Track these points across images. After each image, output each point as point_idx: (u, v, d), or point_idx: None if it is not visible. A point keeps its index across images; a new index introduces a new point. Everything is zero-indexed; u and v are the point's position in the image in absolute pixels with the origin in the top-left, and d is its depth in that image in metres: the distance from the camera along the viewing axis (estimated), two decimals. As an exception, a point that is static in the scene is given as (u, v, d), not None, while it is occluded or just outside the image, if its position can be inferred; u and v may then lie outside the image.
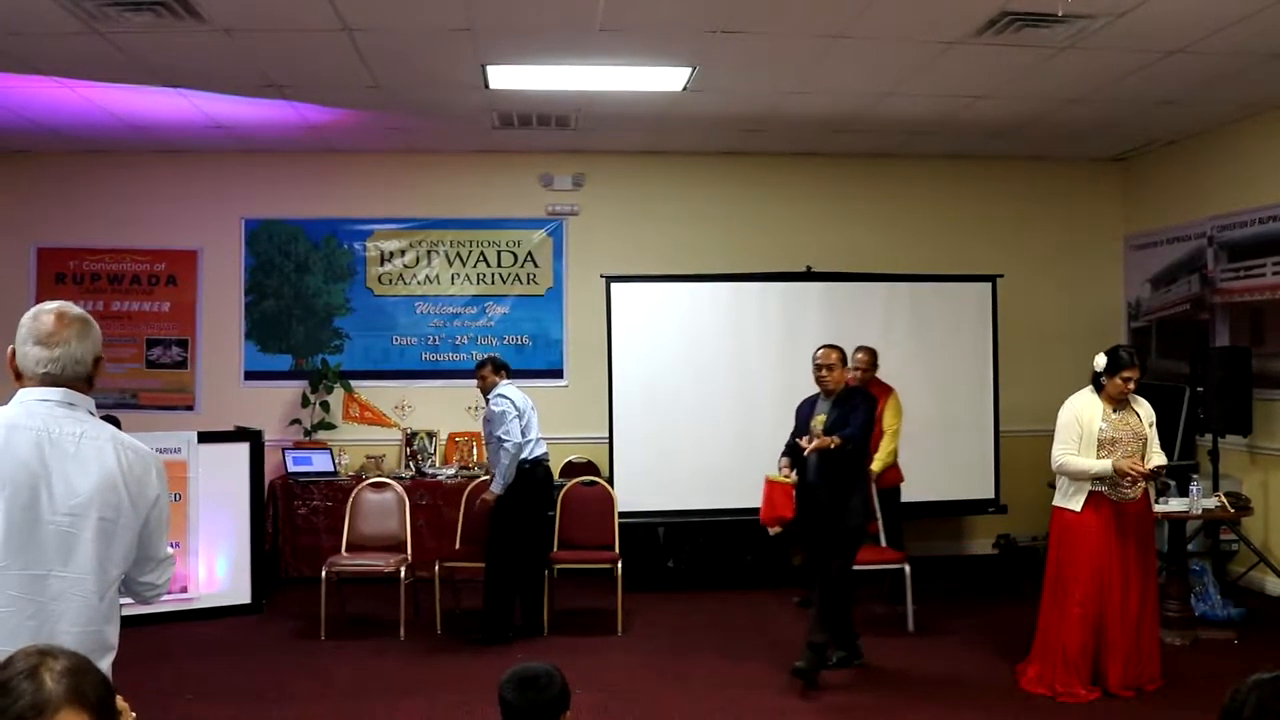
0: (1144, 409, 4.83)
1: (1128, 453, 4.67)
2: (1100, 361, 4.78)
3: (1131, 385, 4.72)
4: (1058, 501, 4.84)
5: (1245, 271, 6.96)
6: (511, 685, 2.39)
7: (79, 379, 2.19)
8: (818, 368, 5.17)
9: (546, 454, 5.99)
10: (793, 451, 5.22)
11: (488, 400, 5.87)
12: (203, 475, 6.23)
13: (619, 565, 5.97)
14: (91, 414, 2.21)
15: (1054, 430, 4.83)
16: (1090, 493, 4.71)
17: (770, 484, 5.08)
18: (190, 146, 7.57)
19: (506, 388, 5.87)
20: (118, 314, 7.77)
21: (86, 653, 1.53)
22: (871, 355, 6.32)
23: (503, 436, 5.66)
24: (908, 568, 5.85)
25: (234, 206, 7.84)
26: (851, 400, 5.15)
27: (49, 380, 2.16)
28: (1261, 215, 6.79)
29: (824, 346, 5.24)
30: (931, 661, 5.33)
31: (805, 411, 5.28)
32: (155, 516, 2.23)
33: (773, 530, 5.11)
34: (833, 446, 4.88)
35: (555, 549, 6.13)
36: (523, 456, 5.73)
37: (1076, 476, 4.72)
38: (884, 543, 6.07)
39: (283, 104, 6.43)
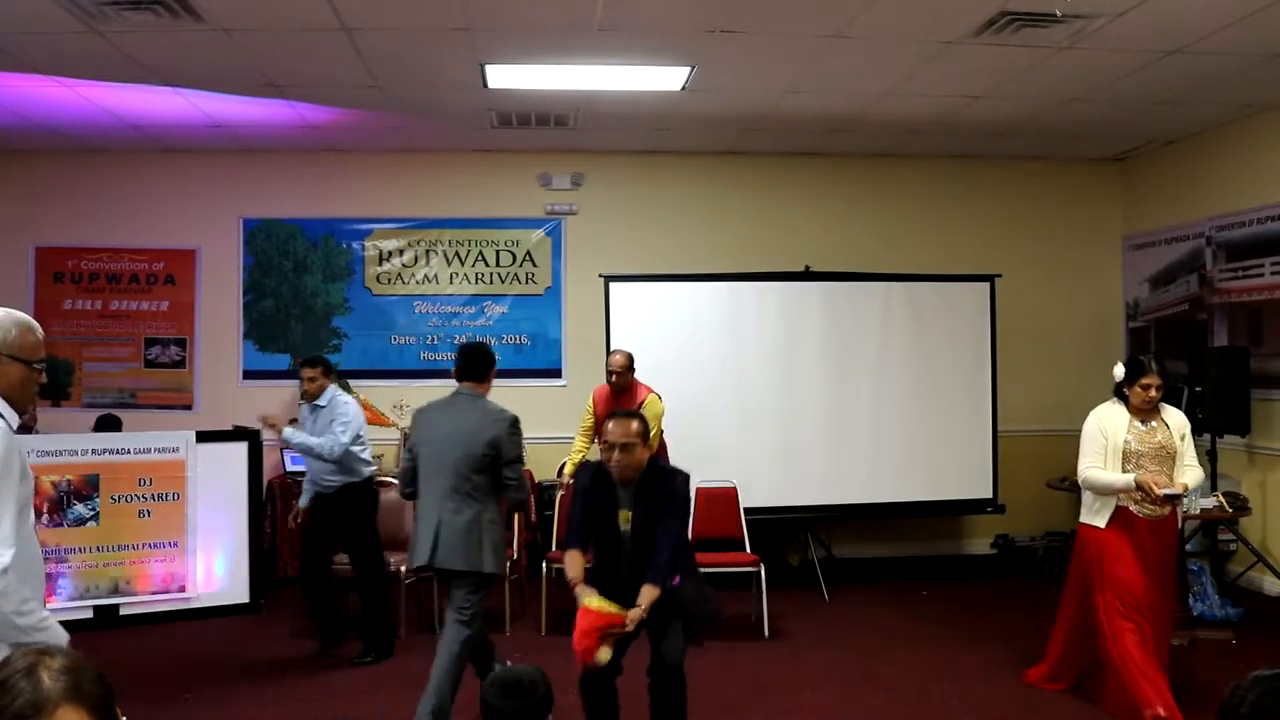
0: (1175, 420, 4.55)
1: (1152, 469, 4.40)
2: (1119, 371, 4.57)
3: (1154, 392, 4.42)
4: (1084, 518, 4.60)
5: (1244, 271, 6.97)
6: (495, 690, 2.39)
7: None
8: (609, 446, 3.64)
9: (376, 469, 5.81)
10: (586, 539, 3.77)
11: (317, 401, 5.58)
12: (201, 475, 6.24)
13: (618, 565, 5.96)
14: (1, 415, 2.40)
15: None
16: (1116, 507, 4.46)
17: (589, 614, 3.51)
18: (189, 146, 7.57)
19: (344, 394, 5.71)
20: (116, 313, 7.78)
21: None
22: (629, 358, 6.03)
23: (335, 435, 5.41)
24: (762, 568, 5.91)
25: (232, 206, 7.84)
26: (663, 488, 3.67)
27: None
28: (1260, 215, 6.80)
29: (617, 417, 3.69)
30: (929, 660, 5.34)
31: (595, 496, 3.75)
32: None
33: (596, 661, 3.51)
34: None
35: (554, 548, 6.14)
36: (367, 473, 5.57)
37: (1102, 491, 4.46)
38: None
39: (282, 103, 6.43)
